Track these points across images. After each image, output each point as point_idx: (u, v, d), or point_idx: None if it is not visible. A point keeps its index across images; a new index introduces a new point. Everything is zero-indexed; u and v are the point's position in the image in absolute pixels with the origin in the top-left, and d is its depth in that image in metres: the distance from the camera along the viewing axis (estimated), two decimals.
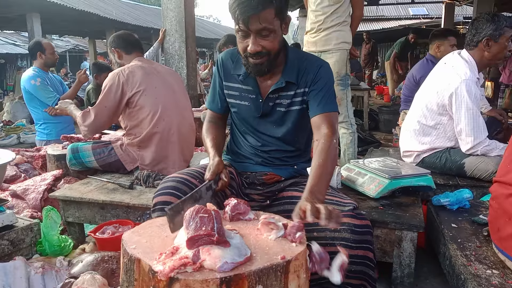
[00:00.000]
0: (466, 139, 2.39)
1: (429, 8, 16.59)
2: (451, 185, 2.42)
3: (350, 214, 1.42)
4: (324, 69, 1.65)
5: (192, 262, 1.04)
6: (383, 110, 6.23)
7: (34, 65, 3.83)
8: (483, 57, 2.39)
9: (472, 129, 2.34)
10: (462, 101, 2.33)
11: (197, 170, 1.63)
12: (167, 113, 2.53)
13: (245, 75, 1.65)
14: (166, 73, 2.72)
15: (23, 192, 2.57)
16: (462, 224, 1.90)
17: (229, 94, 1.75)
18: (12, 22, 10.19)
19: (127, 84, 2.45)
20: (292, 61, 1.63)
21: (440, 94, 2.44)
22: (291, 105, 1.66)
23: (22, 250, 1.98)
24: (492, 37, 2.31)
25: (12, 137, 5.37)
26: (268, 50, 1.49)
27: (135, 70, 2.51)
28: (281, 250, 1.13)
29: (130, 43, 2.69)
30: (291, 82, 1.62)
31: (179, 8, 4.87)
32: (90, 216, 2.27)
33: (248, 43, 1.48)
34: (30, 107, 3.88)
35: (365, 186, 2.13)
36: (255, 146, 1.75)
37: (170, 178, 1.55)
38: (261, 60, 1.51)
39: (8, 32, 16.71)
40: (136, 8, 16.16)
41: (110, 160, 2.59)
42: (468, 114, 2.33)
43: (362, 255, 1.39)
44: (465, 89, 2.30)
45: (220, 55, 1.79)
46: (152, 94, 2.49)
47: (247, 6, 1.40)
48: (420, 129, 2.60)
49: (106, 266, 1.74)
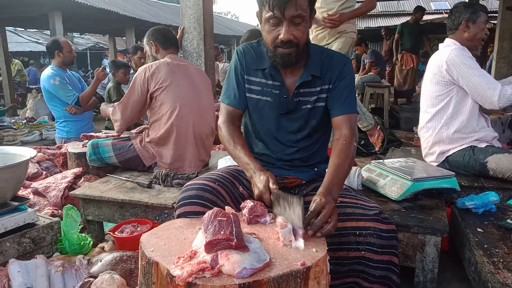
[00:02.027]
0: (487, 95, 2.37)
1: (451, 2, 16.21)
2: (476, 187, 2.34)
3: (376, 219, 1.39)
4: (349, 67, 1.62)
5: (211, 267, 1.02)
6: (404, 108, 6.12)
7: (53, 64, 3.87)
8: (463, 38, 2.55)
9: (486, 83, 2.37)
10: (461, 64, 2.41)
11: (217, 174, 1.59)
12: (186, 112, 2.53)
13: (271, 69, 1.59)
14: (195, 73, 2.74)
15: (44, 190, 2.60)
16: (488, 229, 1.84)
17: (250, 89, 1.66)
18: (35, 21, 10.37)
19: (151, 79, 2.50)
20: (314, 56, 1.60)
21: (437, 73, 2.51)
22: (317, 102, 1.61)
23: (43, 248, 2.01)
24: (471, 19, 2.52)
25: (34, 134, 5.47)
26: (298, 40, 1.47)
27: (161, 66, 2.55)
28: (301, 256, 1.10)
29: (169, 39, 2.74)
30: (317, 76, 1.58)
31: (197, 5, 4.86)
32: (109, 215, 2.29)
33: (279, 32, 1.45)
34: (51, 106, 3.94)
35: (387, 188, 2.08)
36: (273, 147, 1.69)
37: (190, 186, 1.50)
38: (290, 51, 1.48)
39: (31, 31, 17.06)
40: (155, 5, 16.26)
41: (129, 155, 2.62)
42: (473, 72, 2.39)
43: (387, 260, 1.37)
44: (456, 54, 2.44)
45: (239, 47, 1.71)
46: (173, 92, 2.51)
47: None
48: (432, 117, 2.59)
49: (125, 266, 1.75)
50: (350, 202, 1.47)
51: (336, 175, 1.40)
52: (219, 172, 1.62)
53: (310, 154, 1.71)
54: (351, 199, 1.49)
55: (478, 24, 2.52)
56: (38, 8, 7.98)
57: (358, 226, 1.39)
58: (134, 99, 2.53)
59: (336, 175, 1.40)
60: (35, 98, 7.30)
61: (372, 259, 1.36)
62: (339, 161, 1.44)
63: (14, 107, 9.18)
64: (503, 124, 2.87)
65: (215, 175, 1.57)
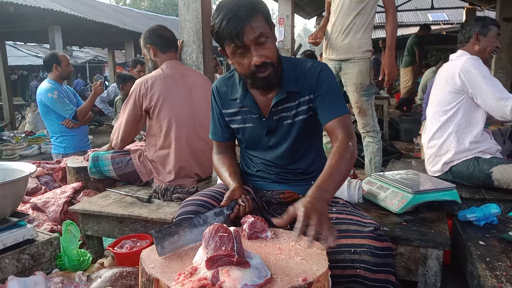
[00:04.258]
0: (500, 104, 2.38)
1: (449, 13, 16.34)
2: (477, 199, 2.34)
3: (371, 236, 1.35)
4: (324, 72, 1.58)
5: (211, 284, 1.02)
6: (404, 119, 6.11)
7: (49, 78, 3.86)
8: (474, 51, 2.59)
9: (499, 93, 2.38)
10: (475, 73, 2.43)
11: (216, 190, 1.60)
12: (180, 132, 2.48)
13: (242, 97, 1.61)
14: (195, 84, 2.63)
15: (43, 205, 2.59)
16: (491, 242, 1.83)
17: (231, 121, 1.70)
18: (35, 35, 10.46)
19: (146, 96, 2.45)
20: (287, 71, 1.58)
21: (450, 81, 2.53)
22: (297, 115, 1.60)
23: (42, 265, 1.99)
24: (481, 32, 2.57)
25: (33, 148, 5.47)
26: (270, 59, 1.46)
27: (156, 82, 2.47)
28: (302, 271, 1.10)
29: (166, 40, 2.60)
30: (293, 92, 1.57)
31: (196, 19, 4.89)
32: (109, 230, 2.27)
33: (250, 58, 1.44)
34: (46, 121, 3.91)
35: (388, 201, 2.07)
36: (267, 164, 1.71)
37: (190, 201, 1.51)
38: (268, 72, 1.48)
39: (30, 45, 17.17)
40: (154, 19, 16.40)
41: (127, 170, 2.60)
42: (485, 81, 2.40)
43: (383, 278, 1.33)
44: (471, 63, 2.46)
45: (213, 85, 1.75)
46: (167, 111, 2.46)
47: (236, 21, 1.38)
48: (440, 126, 2.59)
49: (125, 282, 1.73)
50: (346, 218, 1.45)
51: (328, 175, 1.34)
52: (218, 188, 1.63)
53: (304, 167, 1.70)
54: (347, 215, 1.47)
55: (488, 37, 2.57)
56: (38, 22, 8.06)
57: (353, 244, 1.36)
58: (129, 113, 2.50)
59: (328, 174, 1.35)
60: (34, 111, 7.31)
61: (367, 277, 1.33)
62: (332, 161, 1.39)
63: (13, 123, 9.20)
64: (503, 136, 2.87)
65: (214, 192, 1.58)
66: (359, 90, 3.05)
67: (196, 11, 4.90)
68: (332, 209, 1.53)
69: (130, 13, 15.67)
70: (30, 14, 7.40)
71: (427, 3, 14.54)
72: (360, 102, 3.09)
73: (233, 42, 1.41)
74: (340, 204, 1.58)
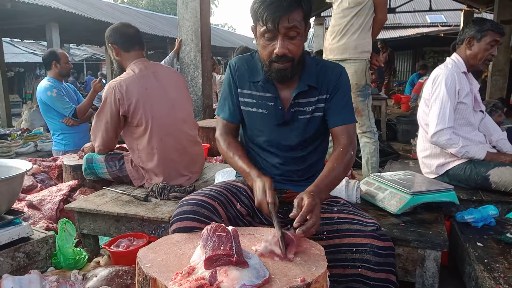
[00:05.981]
0: (431, 124, 2.44)
1: (447, 15, 16.42)
2: (475, 201, 2.34)
3: (373, 235, 1.36)
4: (345, 76, 1.64)
5: (209, 284, 1.01)
6: (401, 120, 6.13)
7: (49, 75, 3.85)
8: (466, 55, 2.50)
9: (437, 116, 2.41)
10: (438, 87, 2.43)
11: (214, 189, 1.57)
12: (164, 132, 2.41)
13: (265, 81, 1.60)
14: (166, 81, 2.51)
15: (39, 203, 2.57)
16: (488, 243, 1.82)
17: (244, 102, 1.68)
18: (32, 32, 10.41)
19: (122, 100, 2.32)
20: (310, 67, 1.60)
21: (429, 85, 2.53)
22: (315, 112, 1.61)
23: (38, 263, 1.97)
24: (475, 37, 2.44)
25: (29, 145, 5.42)
26: (293, 54, 1.48)
27: (131, 84, 2.34)
28: (301, 272, 1.09)
29: (129, 38, 2.45)
30: (313, 87, 1.59)
31: (195, 17, 4.89)
32: (105, 229, 2.26)
33: (274, 46, 1.46)
34: (47, 118, 3.92)
35: (386, 202, 2.06)
36: (271, 160, 1.68)
37: (186, 201, 1.48)
38: (285, 65, 1.49)
39: (27, 42, 17.08)
40: (153, 17, 16.37)
41: (120, 174, 2.56)
42: (438, 101, 2.42)
43: (384, 278, 1.33)
44: (444, 76, 2.43)
45: (232, 61, 1.71)
46: (148, 112, 2.36)
47: (277, 7, 1.40)
48: None
49: (121, 281, 1.71)
50: (347, 217, 1.45)
51: (327, 177, 1.45)
52: (216, 187, 1.60)
53: (307, 166, 1.69)
54: (348, 214, 1.47)
55: (481, 43, 2.41)
56: (36, 19, 8.02)
57: (355, 243, 1.37)
58: (107, 119, 2.37)
59: (327, 177, 1.45)
60: (30, 109, 7.27)
61: (369, 276, 1.34)
62: (332, 164, 1.49)
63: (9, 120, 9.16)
64: None
65: (213, 191, 1.54)
66: (354, 90, 3.07)
67: (195, 9, 4.90)
68: (334, 209, 1.53)
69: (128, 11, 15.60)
70: (27, 11, 7.36)
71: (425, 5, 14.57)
72: (355, 103, 3.11)
73: (265, 25, 1.43)
74: (341, 203, 1.58)
